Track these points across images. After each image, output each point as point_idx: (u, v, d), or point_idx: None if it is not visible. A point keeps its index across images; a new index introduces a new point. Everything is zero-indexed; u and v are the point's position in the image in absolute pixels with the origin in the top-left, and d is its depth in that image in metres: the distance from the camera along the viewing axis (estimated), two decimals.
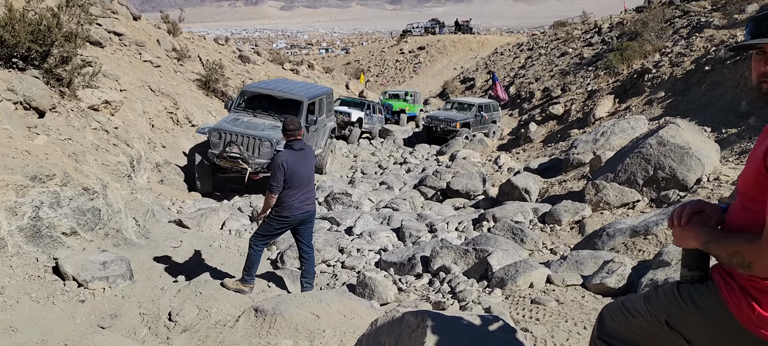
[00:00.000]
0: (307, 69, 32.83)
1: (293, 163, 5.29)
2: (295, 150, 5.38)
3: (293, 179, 5.30)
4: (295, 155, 5.34)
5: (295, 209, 5.40)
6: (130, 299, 5.21)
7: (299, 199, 5.40)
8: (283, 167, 5.24)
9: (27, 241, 5.25)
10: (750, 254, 1.54)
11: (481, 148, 17.16)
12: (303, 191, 5.43)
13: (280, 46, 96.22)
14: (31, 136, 6.22)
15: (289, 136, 5.43)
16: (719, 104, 12.05)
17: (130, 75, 12.99)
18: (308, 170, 5.51)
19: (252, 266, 5.51)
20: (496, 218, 8.09)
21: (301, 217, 5.48)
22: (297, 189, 5.36)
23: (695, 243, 1.73)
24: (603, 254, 5.59)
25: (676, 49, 17.51)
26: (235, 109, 11.51)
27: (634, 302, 1.97)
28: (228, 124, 10.56)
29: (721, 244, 1.64)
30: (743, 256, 1.56)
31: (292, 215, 5.41)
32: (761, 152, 1.58)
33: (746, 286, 1.62)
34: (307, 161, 5.49)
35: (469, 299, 5.01)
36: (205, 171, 10.52)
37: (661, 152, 7.97)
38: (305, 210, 5.48)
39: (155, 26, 20.58)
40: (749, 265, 1.55)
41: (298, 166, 5.33)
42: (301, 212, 5.45)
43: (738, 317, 1.64)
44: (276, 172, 5.26)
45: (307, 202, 5.50)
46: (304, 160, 5.43)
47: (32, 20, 7.25)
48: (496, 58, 44.49)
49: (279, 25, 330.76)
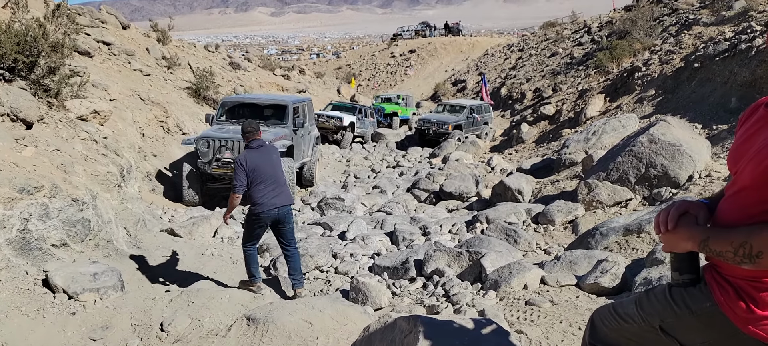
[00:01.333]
0: (298, 74, 32.79)
1: (253, 161, 5.49)
2: (254, 149, 5.59)
3: (256, 175, 5.47)
4: (254, 153, 5.56)
5: (267, 205, 5.52)
6: (122, 310, 5.15)
7: (268, 194, 5.53)
8: (243, 165, 5.44)
9: (16, 254, 5.19)
10: (760, 243, 1.45)
11: (474, 150, 17.16)
12: (270, 186, 5.55)
13: (271, 52, 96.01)
14: (19, 147, 6.16)
15: (247, 138, 5.67)
16: (709, 101, 12.09)
17: (119, 84, 12.93)
18: (272, 167, 5.63)
19: (251, 265, 5.74)
20: (490, 219, 8.07)
21: (276, 213, 5.59)
22: (263, 184, 5.50)
23: (690, 245, 1.67)
24: (596, 253, 5.58)
25: (666, 46, 17.59)
26: (218, 120, 11.16)
27: (626, 306, 1.93)
28: (214, 132, 10.27)
29: (723, 238, 1.56)
30: (752, 246, 1.47)
31: (263, 211, 5.53)
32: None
33: (743, 286, 1.59)
34: (268, 157, 5.63)
35: (463, 302, 4.99)
36: (194, 181, 10.17)
37: (653, 150, 7.98)
38: (277, 205, 5.58)
39: (145, 35, 20.51)
40: (758, 255, 1.46)
41: (258, 162, 5.50)
42: (274, 207, 5.56)
43: (734, 320, 1.60)
44: (237, 170, 5.49)
45: (279, 197, 5.60)
46: (264, 157, 5.59)
47: (18, 31, 7.19)
48: (486, 59, 44.56)
49: (270, 31, 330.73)
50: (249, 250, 5.74)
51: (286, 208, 5.70)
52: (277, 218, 5.63)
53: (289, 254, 5.79)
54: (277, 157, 5.77)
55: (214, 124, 11.04)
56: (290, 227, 5.79)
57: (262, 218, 5.57)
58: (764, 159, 1.50)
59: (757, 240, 1.46)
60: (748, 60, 11.60)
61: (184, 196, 10.12)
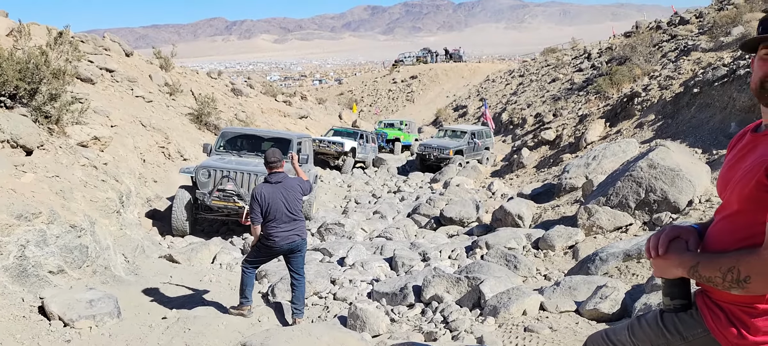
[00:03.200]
0: (300, 100, 32.97)
1: (269, 196, 5.39)
2: (272, 183, 5.47)
3: (272, 211, 5.39)
4: (271, 188, 5.44)
5: (280, 241, 5.47)
6: (118, 338, 5.11)
7: (283, 230, 5.46)
8: (258, 200, 5.36)
9: (12, 280, 5.18)
10: (748, 268, 1.44)
11: (475, 175, 17.15)
12: (286, 223, 5.47)
13: (274, 78, 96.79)
14: (18, 174, 6.17)
15: (270, 169, 5.52)
16: (709, 126, 12.11)
17: (121, 111, 13.00)
18: (290, 202, 5.51)
19: (245, 288, 5.66)
20: (489, 244, 8.03)
21: (288, 247, 5.55)
22: (278, 221, 5.43)
23: (680, 270, 1.66)
24: (596, 279, 5.55)
25: (665, 72, 17.68)
26: (217, 151, 10.58)
27: (618, 333, 1.92)
28: (216, 162, 9.75)
29: (712, 263, 1.55)
30: (740, 271, 1.46)
31: (276, 245, 5.49)
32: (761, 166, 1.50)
33: (735, 312, 1.57)
34: (287, 193, 5.50)
35: (461, 329, 4.94)
36: (188, 211, 9.44)
37: (652, 175, 7.97)
38: (291, 240, 5.53)
39: (148, 62, 20.69)
40: (746, 279, 1.44)
41: (275, 198, 5.40)
42: (287, 242, 5.51)
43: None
44: (252, 204, 5.40)
45: (293, 233, 5.54)
46: (282, 192, 5.47)
47: (20, 59, 7.26)
48: (488, 85, 44.85)
49: (273, 58, 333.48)
50: (247, 271, 5.71)
51: (300, 241, 5.64)
52: (290, 248, 5.59)
53: (296, 283, 5.72)
54: (296, 192, 5.62)
55: (212, 154, 10.47)
56: (302, 256, 5.75)
57: (274, 250, 5.57)
58: (749, 183, 1.50)
59: (744, 265, 1.46)
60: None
61: (173, 224, 9.38)
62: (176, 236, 9.47)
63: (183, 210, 9.38)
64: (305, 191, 5.76)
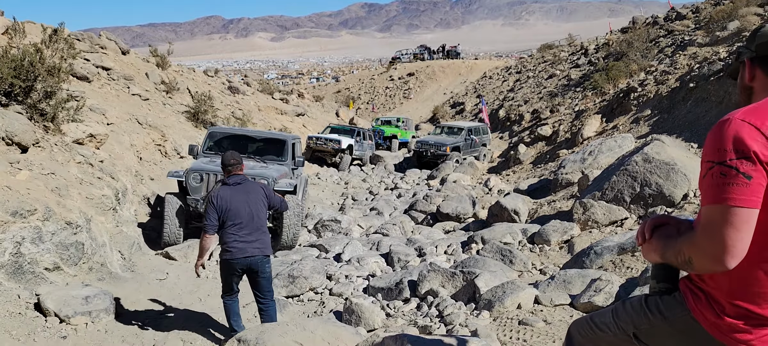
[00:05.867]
0: (297, 98, 32.95)
1: (228, 199, 4.77)
2: (231, 185, 4.85)
3: (229, 215, 4.76)
4: (230, 190, 4.83)
5: (236, 252, 4.79)
6: (113, 334, 5.13)
7: (241, 239, 4.79)
8: (214, 203, 4.75)
9: (8, 277, 5.19)
10: (688, 249, 1.55)
11: (472, 172, 17.17)
12: (244, 231, 4.81)
13: (271, 76, 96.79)
14: (13, 171, 6.17)
15: (228, 172, 4.94)
16: (705, 120, 12.13)
17: (117, 108, 12.99)
18: (251, 207, 4.86)
19: (230, 318, 5.08)
20: (485, 239, 8.05)
21: (247, 262, 4.84)
22: (236, 227, 4.78)
23: (656, 256, 1.73)
24: (591, 272, 5.57)
25: (661, 67, 17.71)
26: (205, 152, 9.65)
27: (603, 316, 1.95)
28: (207, 165, 8.78)
29: (671, 247, 1.64)
30: (684, 253, 1.56)
31: (233, 257, 4.80)
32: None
33: (713, 294, 1.62)
34: (247, 196, 4.88)
35: (456, 323, 4.96)
36: (180, 218, 8.37)
37: (647, 169, 8.00)
38: (250, 254, 4.82)
39: (144, 60, 20.66)
40: (690, 260, 1.55)
41: (233, 201, 4.78)
42: (245, 255, 4.81)
43: (705, 326, 1.63)
44: (207, 209, 4.80)
45: (253, 245, 4.84)
46: (242, 196, 4.85)
47: (15, 56, 7.25)
48: (485, 82, 44.84)
49: (270, 56, 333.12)
50: (227, 301, 5.05)
51: (260, 257, 4.89)
52: (249, 266, 4.86)
53: (263, 307, 5.05)
54: (258, 197, 4.96)
55: (199, 156, 9.54)
56: (266, 278, 5.00)
57: (233, 264, 4.83)
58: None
59: (687, 247, 1.55)
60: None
61: (164, 234, 8.24)
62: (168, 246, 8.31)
63: (175, 218, 8.31)
64: (270, 198, 5.09)
